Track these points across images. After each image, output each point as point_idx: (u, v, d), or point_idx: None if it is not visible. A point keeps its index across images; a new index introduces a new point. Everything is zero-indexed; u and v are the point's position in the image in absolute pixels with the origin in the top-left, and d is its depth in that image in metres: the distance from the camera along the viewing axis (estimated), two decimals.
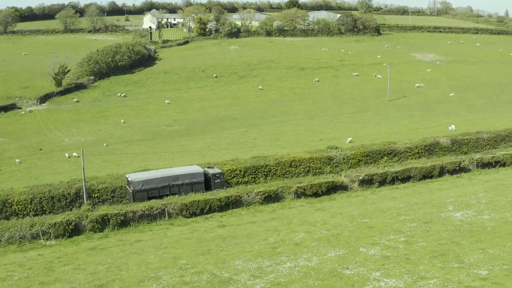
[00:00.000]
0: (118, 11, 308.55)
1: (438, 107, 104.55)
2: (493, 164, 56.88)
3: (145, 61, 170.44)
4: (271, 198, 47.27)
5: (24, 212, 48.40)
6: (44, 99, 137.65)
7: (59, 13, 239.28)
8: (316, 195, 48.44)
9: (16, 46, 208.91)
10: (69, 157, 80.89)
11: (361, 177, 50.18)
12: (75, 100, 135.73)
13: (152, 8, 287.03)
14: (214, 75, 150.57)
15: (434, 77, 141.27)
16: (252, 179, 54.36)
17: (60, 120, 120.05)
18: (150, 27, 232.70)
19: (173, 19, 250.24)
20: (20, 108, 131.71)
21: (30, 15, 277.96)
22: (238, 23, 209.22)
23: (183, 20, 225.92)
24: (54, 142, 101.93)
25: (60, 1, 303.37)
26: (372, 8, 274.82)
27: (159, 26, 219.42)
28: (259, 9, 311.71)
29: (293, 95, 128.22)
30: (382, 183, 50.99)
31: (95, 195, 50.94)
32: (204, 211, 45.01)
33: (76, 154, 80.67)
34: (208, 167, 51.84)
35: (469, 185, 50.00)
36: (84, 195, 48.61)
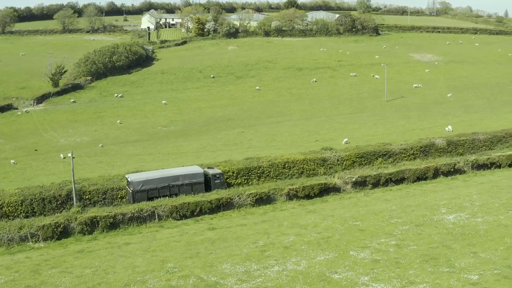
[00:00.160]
0: (117, 11, 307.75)
1: (436, 108, 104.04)
2: (489, 166, 56.28)
3: (143, 62, 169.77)
4: (263, 200, 46.68)
5: (15, 214, 48.07)
6: (41, 100, 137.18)
7: (57, 13, 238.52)
8: (309, 197, 47.84)
9: (14, 47, 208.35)
10: (64, 158, 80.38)
11: (354, 179, 49.60)
12: (72, 101, 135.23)
13: (151, 8, 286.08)
14: (212, 76, 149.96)
15: (432, 78, 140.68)
16: (245, 181, 53.91)
17: (57, 121, 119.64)
18: (149, 27, 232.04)
19: (172, 19, 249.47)
20: (17, 109, 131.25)
21: (29, 15, 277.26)
22: (236, 23, 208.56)
23: (182, 20, 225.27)
24: (50, 143, 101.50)
25: (59, 1, 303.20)
26: (371, 8, 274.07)
27: (157, 26, 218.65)
28: (258, 9, 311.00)
29: (290, 96, 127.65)
30: (376, 185, 50.38)
31: (86, 197, 50.51)
32: (195, 213, 44.47)
33: (71, 155, 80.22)
34: (208, 168, 51.60)
35: (464, 187, 49.43)
36: (74, 197, 48.11)
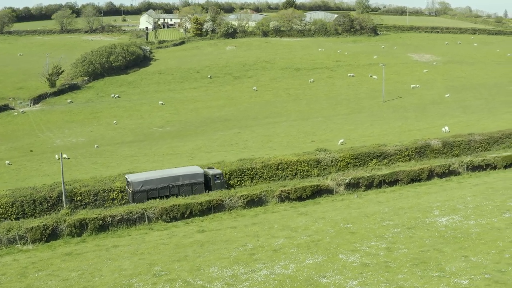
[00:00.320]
0: (116, 11, 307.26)
1: (433, 108, 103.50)
2: (484, 167, 55.67)
3: (140, 62, 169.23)
4: (254, 202, 46.09)
5: (5, 216, 47.62)
6: (38, 100, 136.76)
7: (56, 14, 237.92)
8: (301, 199, 47.27)
9: (12, 47, 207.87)
10: (59, 159, 79.86)
11: (347, 181, 49.02)
12: (69, 101, 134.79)
13: (150, 9, 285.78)
14: (209, 76, 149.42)
15: (430, 78, 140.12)
16: (238, 182, 53.43)
17: (53, 121, 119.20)
18: (147, 28, 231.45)
19: (170, 20, 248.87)
20: (13, 109, 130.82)
21: (27, 15, 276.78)
22: (235, 24, 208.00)
23: (180, 21, 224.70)
24: (45, 144, 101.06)
25: (58, 2, 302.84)
26: (370, 9, 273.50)
27: (156, 27, 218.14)
28: (257, 10, 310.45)
29: (287, 96, 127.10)
30: (369, 187, 49.79)
31: (78, 199, 50.08)
32: (185, 216, 43.94)
33: (66, 156, 79.83)
34: (208, 168, 51.42)
35: (458, 189, 48.84)
36: (64, 199, 47.62)
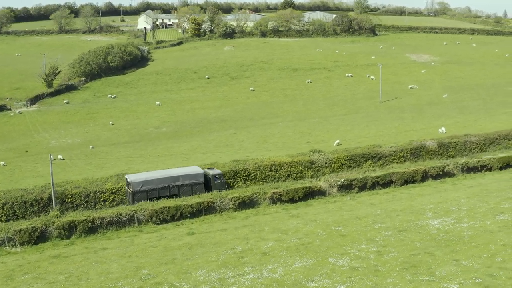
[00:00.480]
0: (114, 12, 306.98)
1: (430, 109, 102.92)
2: (479, 169, 55.16)
3: (138, 62, 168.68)
4: (246, 204, 45.56)
5: None
6: (34, 101, 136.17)
7: (54, 14, 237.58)
8: (293, 201, 46.74)
9: (10, 47, 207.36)
10: (54, 160, 79.36)
11: (340, 182, 48.48)
12: (65, 102, 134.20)
13: (149, 9, 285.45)
14: (206, 76, 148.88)
15: (428, 78, 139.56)
16: (231, 184, 52.88)
17: (49, 122, 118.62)
18: (145, 28, 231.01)
19: (168, 20, 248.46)
20: (10, 110, 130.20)
21: (26, 16, 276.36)
22: (233, 24, 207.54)
23: (178, 21, 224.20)
24: (41, 144, 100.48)
25: (56, 2, 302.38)
26: (369, 9, 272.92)
27: (154, 27, 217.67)
28: (256, 10, 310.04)
29: (284, 97, 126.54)
30: (362, 188, 49.25)
31: (68, 200, 49.59)
32: (175, 218, 43.43)
33: (61, 157, 79.46)
34: (209, 168, 51.14)
35: (452, 191, 48.31)
36: (53, 201, 47.13)
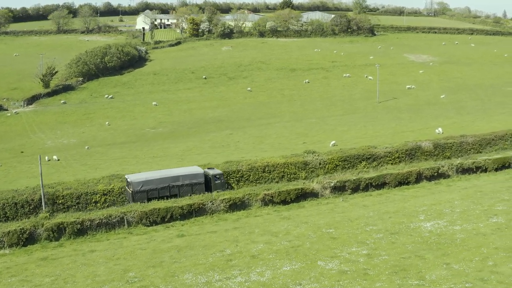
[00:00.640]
0: (113, 12, 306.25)
1: (428, 109, 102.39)
2: (474, 170, 54.67)
3: (135, 62, 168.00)
4: (237, 206, 45.05)
5: None
6: (31, 101, 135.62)
7: (52, 14, 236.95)
8: (285, 203, 46.22)
9: (8, 47, 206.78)
10: (49, 160, 78.96)
11: (333, 184, 47.97)
12: (62, 102, 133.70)
13: (148, 9, 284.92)
14: (204, 77, 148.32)
15: (426, 79, 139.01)
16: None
17: (45, 122, 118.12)
18: (143, 28, 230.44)
19: (167, 20, 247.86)
20: (7, 110, 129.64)
21: (25, 16, 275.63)
22: (231, 24, 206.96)
23: (176, 21, 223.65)
24: (37, 145, 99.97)
25: (55, 2, 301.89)
26: (367, 9, 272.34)
27: (152, 27, 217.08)
28: (255, 10, 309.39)
29: (282, 97, 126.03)
30: (355, 190, 48.74)
31: (60, 202, 49.13)
32: (165, 220, 42.95)
33: (56, 157, 78.92)
34: (209, 168, 50.90)
35: (446, 192, 47.83)
36: (43, 202, 46.69)
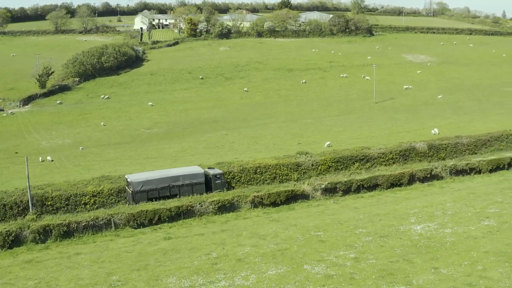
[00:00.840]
0: (112, 12, 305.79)
1: (425, 110, 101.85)
2: (468, 171, 54.08)
3: (132, 63, 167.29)
4: (226, 208, 44.47)
5: None
6: (28, 101, 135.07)
7: (50, 14, 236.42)
8: (275, 205, 45.62)
9: (6, 47, 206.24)
10: (43, 161, 78.49)
11: (324, 186, 47.38)
12: (58, 102, 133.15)
13: (146, 9, 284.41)
14: (200, 77, 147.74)
15: (424, 79, 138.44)
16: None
17: (41, 123, 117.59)
18: (141, 28, 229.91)
19: (165, 20, 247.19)
20: (3, 110, 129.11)
21: (23, 16, 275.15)
22: (229, 24, 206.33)
23: (174, 21, 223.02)
24: (31, 145, 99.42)
25: (54, 2, 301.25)
26: (366, 9, 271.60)
27: (150, 27, 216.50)
28: (254, 10, 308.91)
29: (278, 97, 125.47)
30: (347, 192, 48.12)
31: (49, 203, 48.62)
32: (153, 222, 42.40)
33: (50, 158, 78.45)
34: (209, 168, 50.68)
35: (439, 194, 47.23)
36: (30, 204, 46.15)
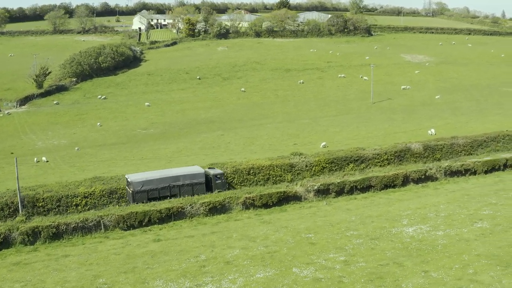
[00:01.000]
0: (111, 12, 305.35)
1: (422, 110, 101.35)
2: (463, 173, 53.58)
3: (130, 63, 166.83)
4: (217, 210, 44.01)
5: None
6: (24, 101, 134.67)
7: (48, 14, 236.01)
8: (267, 206, 45.15)
9: (4, 47, 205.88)
10: (38, 162, 78.11)
11: (317, 187, 46.92)
12: (55, 102, 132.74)
13: (145, 9, 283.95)
14: (198, 77, 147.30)
15: (422, 79, 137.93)
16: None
17: (37, 123, 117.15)
18: (140, 28, 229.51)
19: (163, 20, 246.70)
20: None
21: (21, 16, 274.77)
22: (228, 24, 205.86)
23: (173, 21, 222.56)
24: (27, 146, 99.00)
25: (52, 2, 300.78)
26: (365, 9, 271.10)
27: (149, 27, 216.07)
28: (253, 10, 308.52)
29: (276, 98, 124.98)
30: (340, 193, 47.64)
31: (40, 204, 48.22)
32: (143, 224, 41.94)
33: (45, 159, 78.05)
34: (209, 168, 50.51)
35: (433, 196, 46.75)
36: (19, 205, 45.74)
